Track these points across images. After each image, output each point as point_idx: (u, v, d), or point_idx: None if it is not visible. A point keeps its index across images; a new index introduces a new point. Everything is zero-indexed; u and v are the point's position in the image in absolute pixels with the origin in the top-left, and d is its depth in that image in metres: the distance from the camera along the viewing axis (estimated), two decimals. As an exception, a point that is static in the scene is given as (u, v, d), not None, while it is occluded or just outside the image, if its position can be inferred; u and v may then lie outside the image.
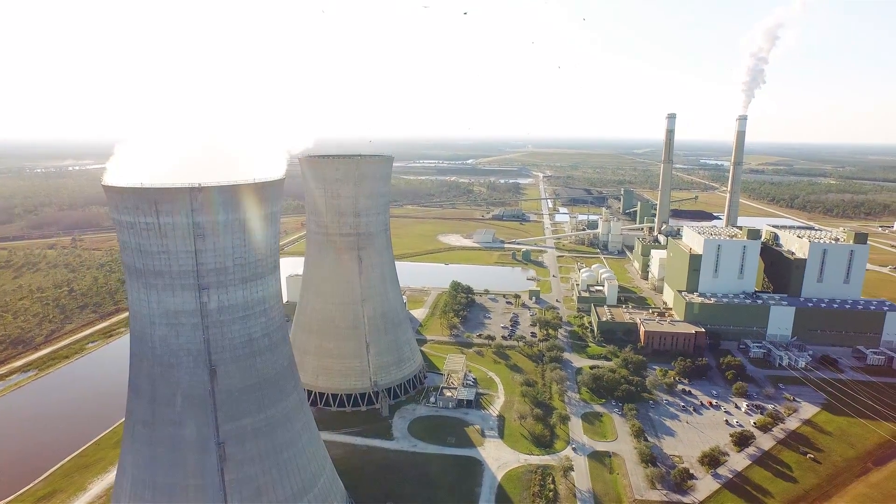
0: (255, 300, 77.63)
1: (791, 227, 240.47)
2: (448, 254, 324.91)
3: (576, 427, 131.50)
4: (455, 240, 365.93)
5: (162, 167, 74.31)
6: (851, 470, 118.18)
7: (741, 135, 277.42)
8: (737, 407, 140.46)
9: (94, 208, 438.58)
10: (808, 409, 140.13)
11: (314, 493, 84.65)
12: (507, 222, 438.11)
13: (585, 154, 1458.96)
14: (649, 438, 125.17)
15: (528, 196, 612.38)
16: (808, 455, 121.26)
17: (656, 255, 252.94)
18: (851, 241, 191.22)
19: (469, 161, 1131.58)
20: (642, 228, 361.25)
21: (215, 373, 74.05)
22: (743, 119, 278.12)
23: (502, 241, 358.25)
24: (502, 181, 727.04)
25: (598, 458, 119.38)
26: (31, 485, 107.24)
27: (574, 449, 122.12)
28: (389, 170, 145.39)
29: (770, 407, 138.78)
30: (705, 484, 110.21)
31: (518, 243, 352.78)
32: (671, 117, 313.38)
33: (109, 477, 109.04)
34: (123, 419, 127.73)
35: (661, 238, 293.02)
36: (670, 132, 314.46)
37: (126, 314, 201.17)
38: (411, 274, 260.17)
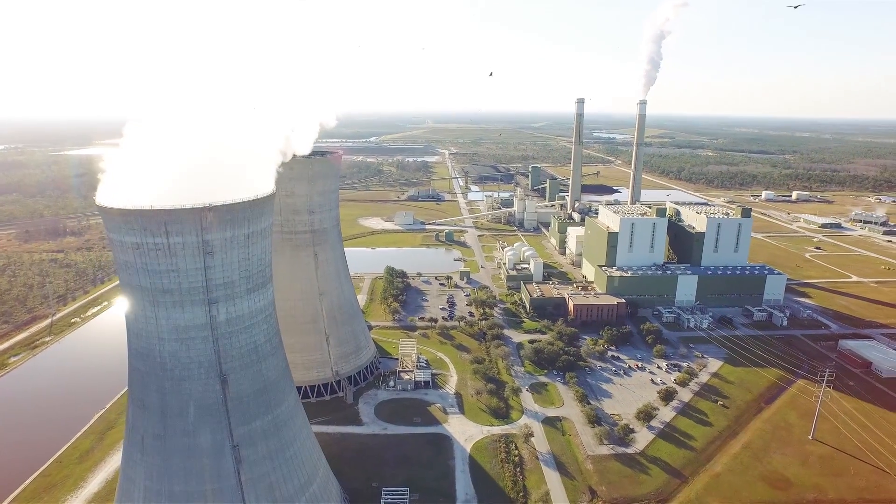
0: (259, 308, 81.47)
1: (690, 203, 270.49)
2: (372, 238, 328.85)
3: (526, 397, 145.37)
4: (376, 223, 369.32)
5: (151, 184, 75.31)
6: (750, 410, 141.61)
7: (642, 118, 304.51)
8: (658, 367, 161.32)
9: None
10: (714, 364, 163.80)
11: (317, 483, 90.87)
12: (423, 203, 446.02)
13: (485, 129, 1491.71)
14: (591, 402, 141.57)
15: (438, 175, 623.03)
16: (719, 402, 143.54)
17: (573, 232, 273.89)
18: (739, 216, 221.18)
19: (372, 139, 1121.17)
20: (555, 206, 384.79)
21: (226, 381, 77.62)
22: (643, 104, 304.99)
23: (422, 223, 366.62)
24: (410, 160, 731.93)
25: (550, 423, 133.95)
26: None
27: (528, 417, 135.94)
28: (340, 166, 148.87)
29: (685, 365, 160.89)
30: (643, 436, 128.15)
31: (438, 224, 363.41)
32: (580, 102, 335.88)
33: (83, 493, 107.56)
34: (82, 432, 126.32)
35: (576, 215, 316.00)
36: (580, 116, 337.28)
37: (47, 321, 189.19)
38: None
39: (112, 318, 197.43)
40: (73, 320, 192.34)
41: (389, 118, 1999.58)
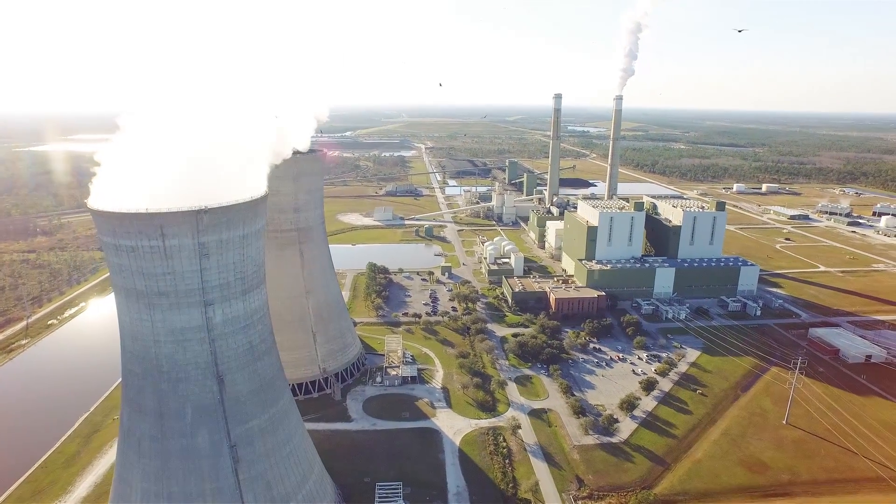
0: (253, 309, 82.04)
1: (666, 197, 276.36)
2: (352, 234, 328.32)
3: (512, 390, 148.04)
4: (355, 219, 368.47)
5: (141, 185, 75.06)
6: (728, 398, 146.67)
7: (618, 113, 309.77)
8: (639, 358, 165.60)
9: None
10: (692, 354, 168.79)
11: (312, 480, 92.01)
12: (401, 198, 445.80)
13: (461, 123, 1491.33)
14: (575, 393, 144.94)
15: (415, 169, 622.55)
16: (698, 391, 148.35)
17: (552, 226, 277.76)
18: (714, 209, 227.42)
19: (348, 133, 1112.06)
20: (533, 200, 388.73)
21: (223, 381, 78.12)
22: (619, 99, 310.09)
23: (402, 218, 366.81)
24: (386, 154, 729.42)
25: (536, 415, 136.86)
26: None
27: (514, 409, 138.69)
28: (325, 164, 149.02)
29: (664, 355, 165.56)
30: (626, 425, 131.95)
31: (418, 219, 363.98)
32: (557, 97, 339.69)
33: (72, 498, 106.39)
34: (67, 436, 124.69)
35: (554, 209, 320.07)
36: (557, 111, 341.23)
37: (22, 324, 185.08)
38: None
39: (91, 319, 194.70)
40: (49, 322, 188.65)
41: (363, 112, 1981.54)
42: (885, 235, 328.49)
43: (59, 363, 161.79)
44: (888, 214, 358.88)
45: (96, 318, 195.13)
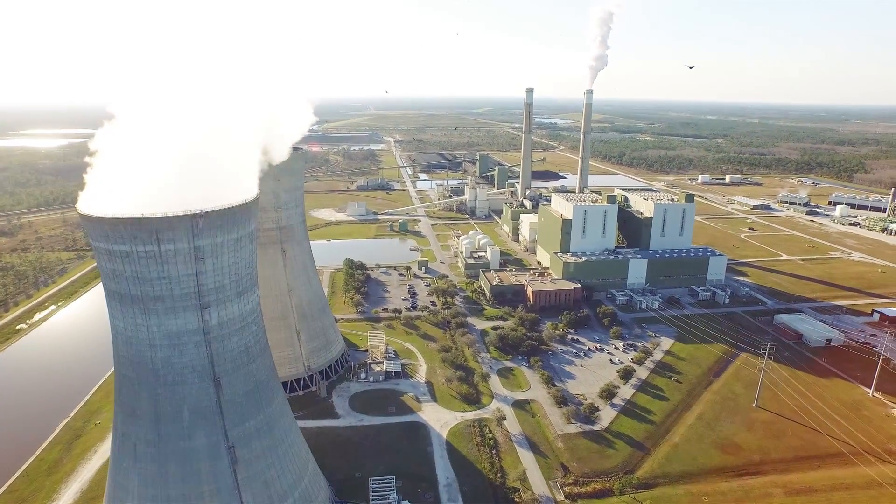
0: (248, 311, 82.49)
1: (635, 189, 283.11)
2: (327, 230, 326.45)
3: (495, 382, 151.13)
4: (328, 214, 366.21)
5: (131, 189, 74.52)
6: (701, 383, 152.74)
7: (589, 107, 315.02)
8: (616, 348, 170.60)
9: None
10: (666, 342, 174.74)
11: (308, 477, 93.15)
12: (373, 192, 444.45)
13: (428, 115, 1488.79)
14: (556, 383, 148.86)
15: (386, 163, 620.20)
16: (673, 378, 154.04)
17: (526, 220, 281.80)
18: (683, 201, 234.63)
19: (315, 127, 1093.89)
20: (506, 193, 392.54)
21: (220, 383, 78.53)
22: (589, 93, 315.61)
23: (375, 213, 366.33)
24: (356, 148, 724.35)
25: (520, 406, 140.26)
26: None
27: (498, 401, 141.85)
28: (305, 162, 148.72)
29: (640, 344, 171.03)
30: (606, 413, 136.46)
31: (391, 214, 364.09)
32: (529, 91, 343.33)
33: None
34: (47, 443, 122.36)
35: (527, 203, 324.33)
36: (529, 105, 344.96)
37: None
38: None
39: (63, 322, 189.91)
40: (18, 327, 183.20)
41: (330, 105, 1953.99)
42: (840, 224, 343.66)
43: (33, 369, 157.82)
44: (842, 204, 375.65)
45: (68, 320, 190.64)
